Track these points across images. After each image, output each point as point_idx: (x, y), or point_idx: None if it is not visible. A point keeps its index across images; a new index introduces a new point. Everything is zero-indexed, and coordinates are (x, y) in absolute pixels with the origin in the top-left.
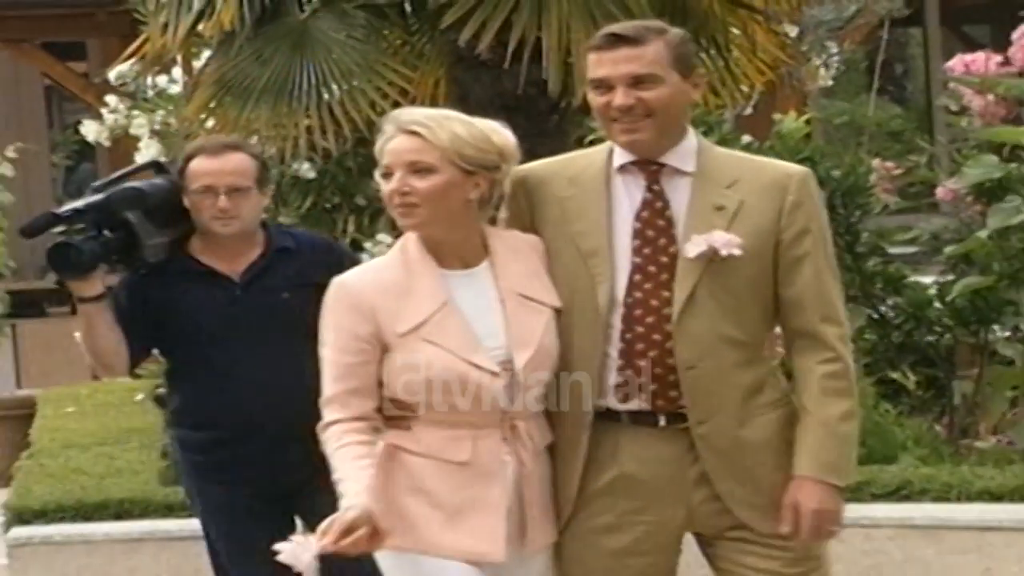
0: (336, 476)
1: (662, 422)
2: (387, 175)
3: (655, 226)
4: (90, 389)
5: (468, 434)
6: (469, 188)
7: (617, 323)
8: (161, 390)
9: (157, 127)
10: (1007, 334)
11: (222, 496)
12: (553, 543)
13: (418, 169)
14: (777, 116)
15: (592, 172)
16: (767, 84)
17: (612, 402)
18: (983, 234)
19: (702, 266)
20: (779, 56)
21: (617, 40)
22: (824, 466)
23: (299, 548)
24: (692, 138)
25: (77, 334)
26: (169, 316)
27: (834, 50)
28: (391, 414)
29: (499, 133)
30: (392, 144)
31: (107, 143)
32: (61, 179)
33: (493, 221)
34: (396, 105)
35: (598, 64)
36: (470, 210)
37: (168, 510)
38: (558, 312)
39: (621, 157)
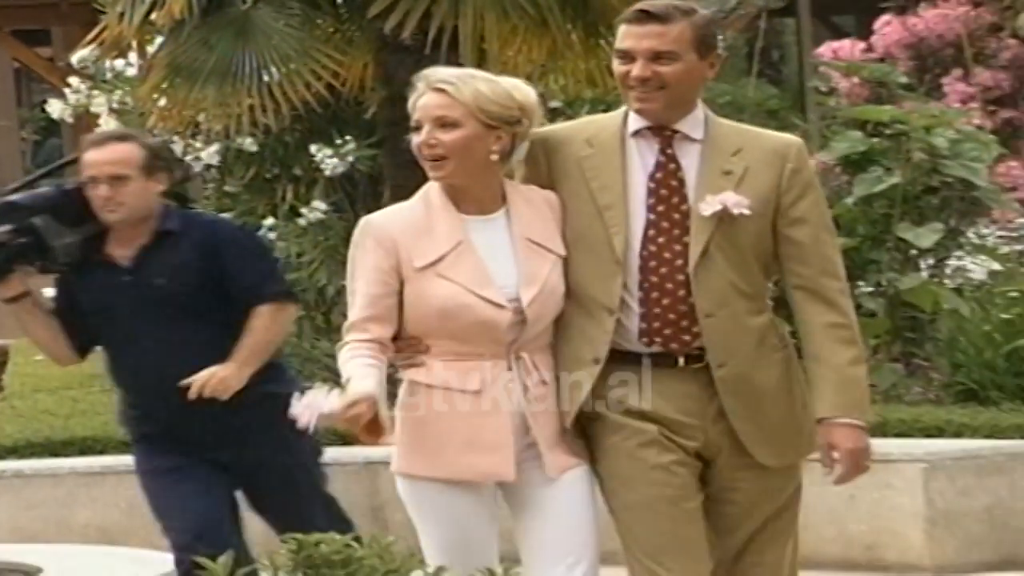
0: (344, 378)
1: (680, 362)
2: (417, 128)
3: (668, 186)
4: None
5: (477, 365)
6: (492, 141)
7: (634, 273)
8: None
9: (115, 106)
10: (870, 289)
11: (147, 452)
12: (585, 466)
13: (444, 123)
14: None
15: (607, 134)
16: None
17: (636, 346)
18: (849, 201)
19: (714, 224)
20: None
21: (647, 17)
22: (847, 407)
23: (315, 400)
24: (700, 110)
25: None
26: (83, 305)
27: (719, 38)
28: (406, 349)
29: (520, 90)
30: (422, 100)
31: (70, 120)
32: (30, 152)
33: (510, 175)
34: (329, 87)
35: (625, 36)
36: (492, 162)
37: (126, 446)
38: (564, 260)
39: (636, 123)
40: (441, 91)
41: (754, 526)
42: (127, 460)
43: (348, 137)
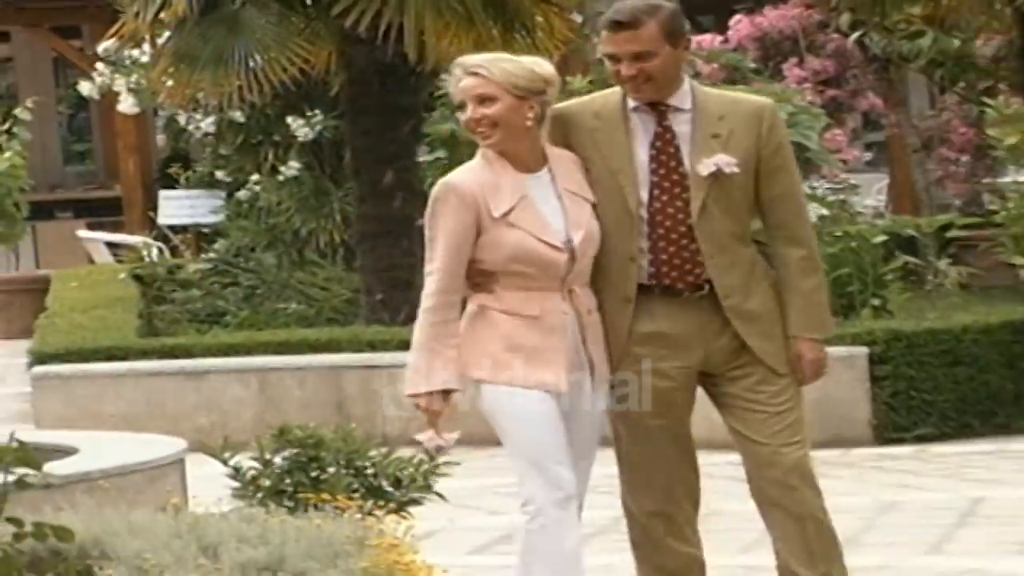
0: (423, 348)
1: (685, 294)
2: (461, 107)
3: (667, 152)
4: (87, 271)
5: (537, 295)
6: (526, 110)
7: (643, 225)
8: (138, 270)
9: (132, 86)
10: None
11: None
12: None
13: (483, 100)
14: (568, 78)
15: (611, 109)
16: (561, 55)
17: (646, 280)
18: None
19: (710, 182)
20: (569, 36)
21: (619, 26)
22: (810, 326)
23: (427, 439)
24: (686, 83)
25: (79, 232)
26: None
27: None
28: (477, 281)
29: (541, 65)
30: (462, 84)
31: (97, 97)
32: (65, 123)
33: None
34: (301, 70)
35: (607, 42)
36: (529, 128)
37: (143, 354)
38: (595, 207)
39: (634, 101)
40: (476, 74)
41: (769, 412)
42: (143, 365)
43: (316, 111)
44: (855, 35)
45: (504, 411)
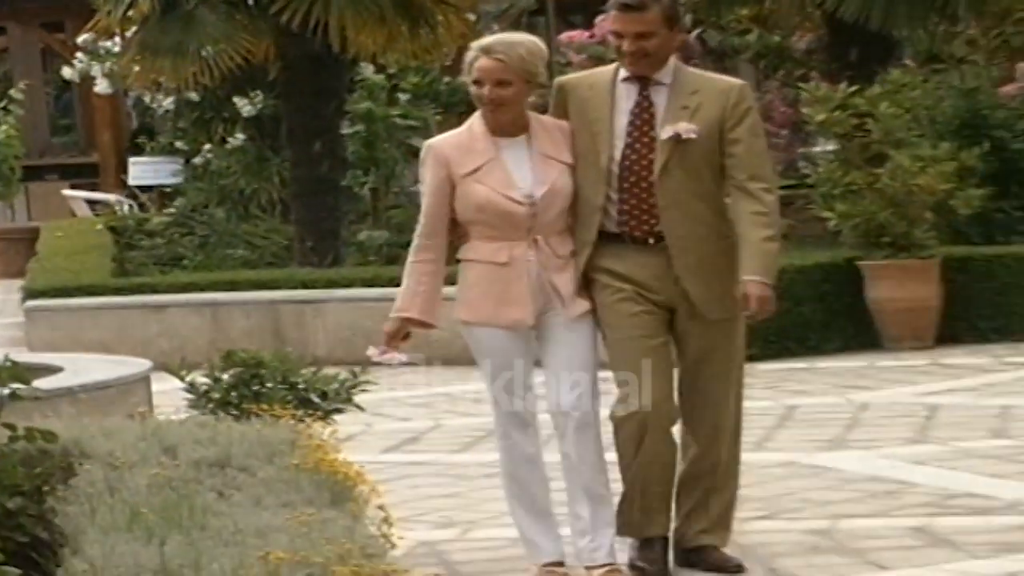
0: (403, 279)
1: (650, 241)
2: (478, 83)
3: (642, 119)
4: (70, 223)
5: (506, 245)
6: (528, 91)
7: (615, 180)
8: (111, 222)
9: (106, 71)
10: None
11: None
12: (592, 314)
13: (500, 82)
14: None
15: (603, 82)
16: (458, 47)
17: (616, 228)
18: None
19: (671, 145)
20: (465, 31)
21: (628, 7)
22: (759, 270)
23: (378, 352)
24: (672, 62)
25: (63, 191)
26: None
27: (495, 28)
28: (460, 234)
29: (542, 51)
30: (481, 63)
31: (78, 80)
32: (52, 102)
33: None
34: (245, 59)
35: (615, 21)
36: (526, 103)
37: (116, 291)
38: (572, 168)
39: (624, 73)
40: (498, 59)
41: (703, 357)
42: (117, 300)
43: (258, 92)
44: (696, 32)
45: (478, 347)
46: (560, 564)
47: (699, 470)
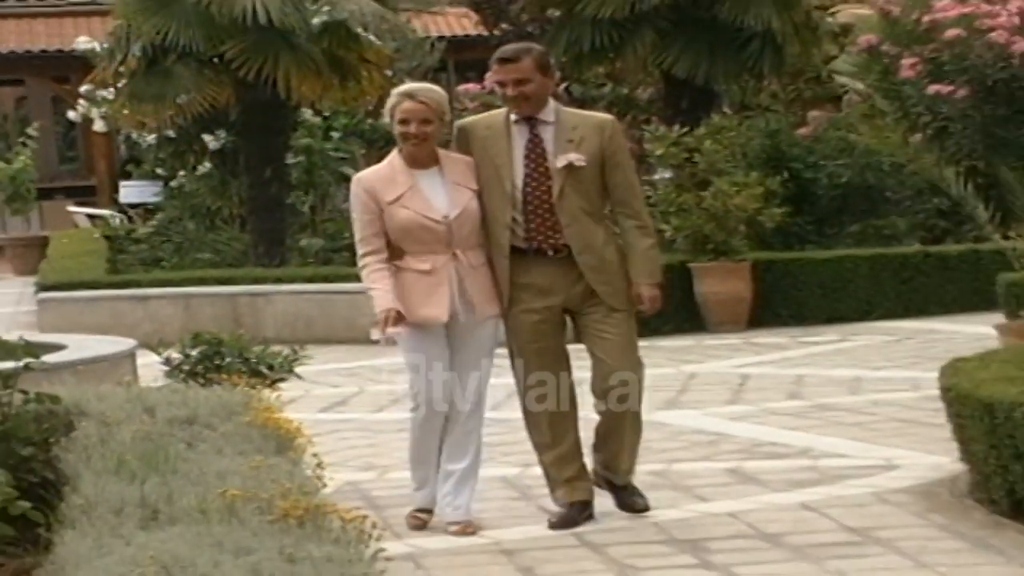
0: (369, 287)
1: (550, 253)
2: (405, 122)
3: (536, 152)
4: (74, 232)
5: (429, 257)
6: (440, 127)
7: (520, 204)
8: (106, 232)
9: (102, 114)
10: None
11: None
12: (499, 316)
13: (425, 120)
14: (383, 111)
15: (498, 123)
16: (378, 96)
17: (522, 244)
18: None
19: (566, 172)
20: (384, 84)
21: (505, 61)
22: (647, 274)
23: (379, 333)
24: (551, 103)
25: (68, 207)
26: None
27: (407, 82)
28: (392, 250)
29: (445, 97)
30: (406, 105)
31: (80, 121)
32: (60, 138)
33: (445, 146)
34: (211, 104)
35: (496, 72)
36: (438, 138)
37: (109, 285)
38: (479, 193)
39: (515, 116)
40: (422, 103)
41: (612, 334)
42: (113, 293)
43: (221, 130)
44: (563, 85)
45: (402, 339)
46: (428, 512)
47: (608, 428)
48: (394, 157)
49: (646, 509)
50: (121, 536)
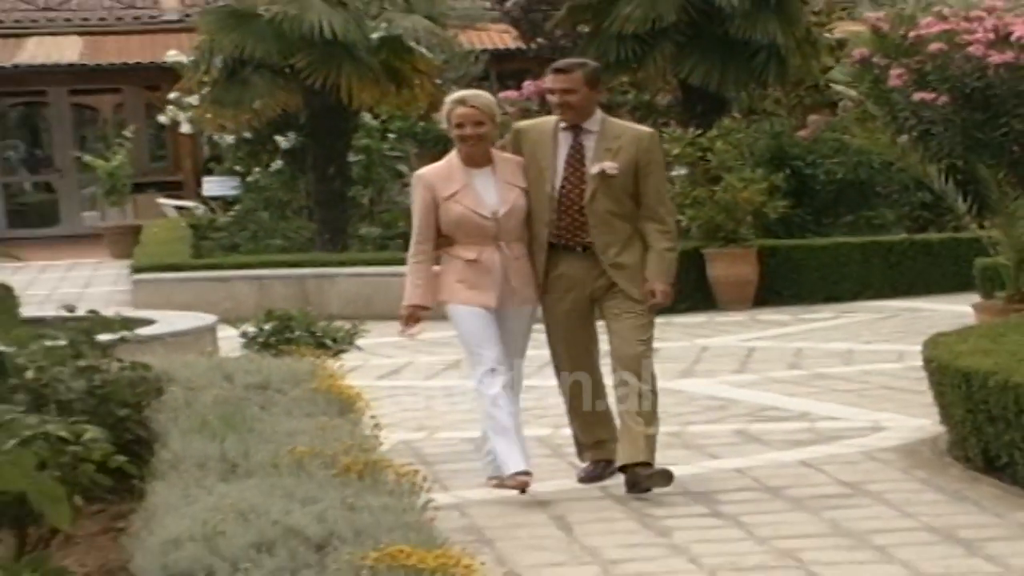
0: (407, 278)
1: (578, 250)
2: (460, 125)
3: (575, 158)
4: (163, 221)
5: (477, 248)
6: (493, 128)
7: (555, 204)
8: (191, 221)
9: (188, 118)
10: None
11: None
12: (536, 303)
13: (478, 123)
14: (435, 115)
15: (547, 129)
16: (429, 103)
17: (555, 240)
18: None
19: (598, 178)
20: (433, 91)
21: (558, 71)
22: (661, 274)
23: (406, 332)
24: (598, 114)
25: (158, 199)
26: None
27: (454, 89)
28: (445, 240)
29: (495, 101)
30: (460, 111)
31: (168, 124)
32: (151, 139)
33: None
34: (283, 109)
35: (550, 81)
36: (492, 141)
37: (193, 268)
38: (526, 191)
39: (562, 123)
40: (474, 107)
41: (630, 318)
42: (197, 275)
43: (291, 132)
44: None
45: (455, 319)
46: (528, 474)
47: (626, 409)
48: (452, 156)
49: (646, 487)
50: (204, 487)
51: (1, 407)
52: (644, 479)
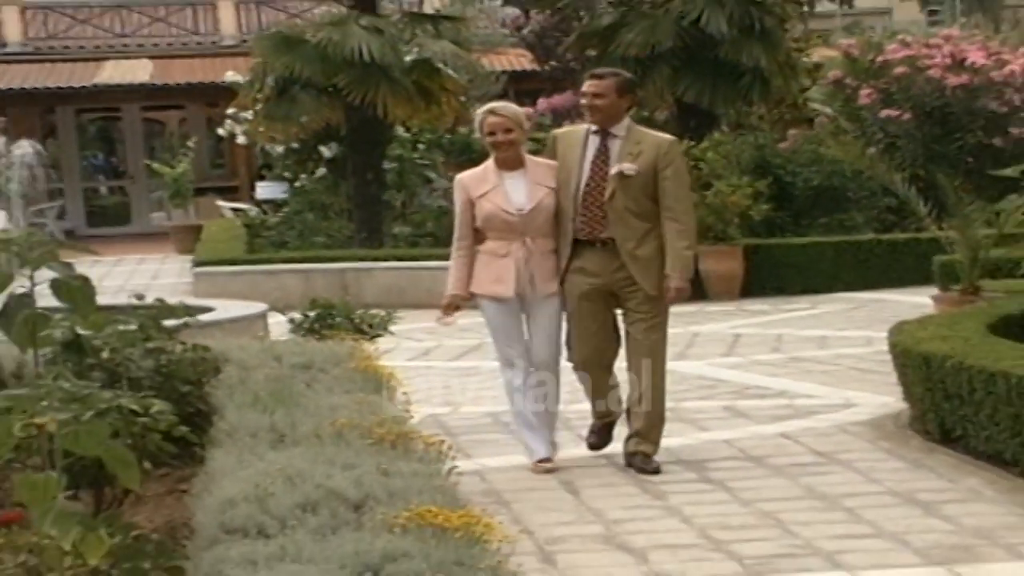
0: (450, 270)
1: (599, 245)
2: (492, 133)
3: (601, 159)
4: (221, 221)
5: (506, 243)
6: (521, 135)
7: (580, 200)
8: (245, 221)
9: (243, 130)
10: None
11: None
12: (556, 291)
13: (507, 130)
14: (461, 129)
15: (580, 133)
16: (455, 117)
17: (579, 235)
18: None
19: (617, 179)
20: (459, 108)
21: (592, 76)
22: (678, 269)
23: (444, 319)
24: (625, 120)
25: (217, 201)
26: None
27: (477, 106)
28: (479, 236)
29: (521, 111)
30: (491, 120)
31: (226, 136)
32: (211, 149)
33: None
34: (326, 124)
35: (586, 85)
36: (521, 145)
37: (247, 263)
38: (555, 191)
39: (592, 127)
40: (502, 116)
41: (642, 318)
42: (248, 268)
43: (333, 143)
44: None
45: (483, 309)
46: (548, 460)
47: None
48: (489, 162)
49: (655, 470)
50: (256, 454)
51: (80, 383)
52: (639, 462)
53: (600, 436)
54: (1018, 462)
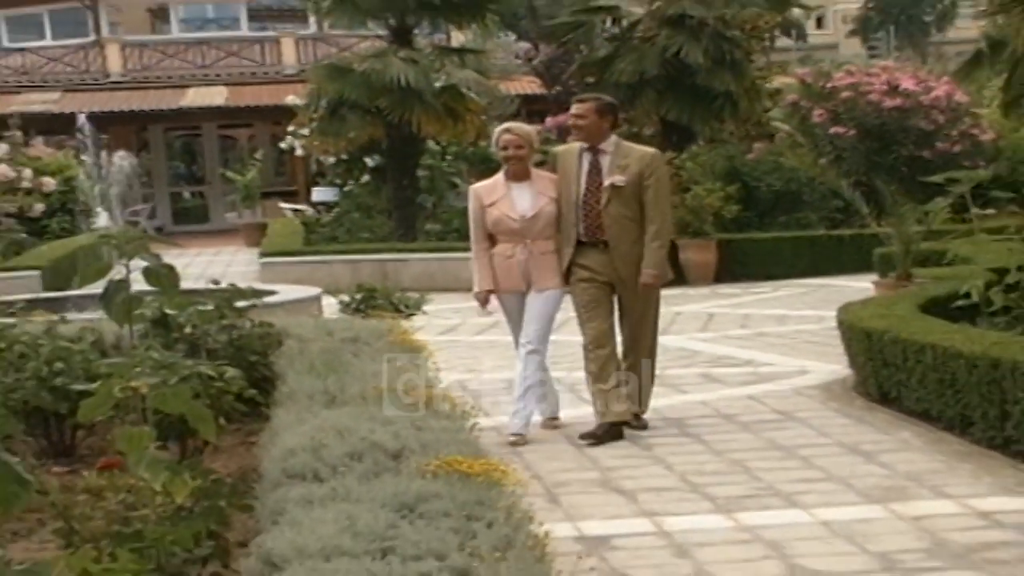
0: (473, 270)
1: (599, 246)
2: (505, 148)
3: (595, 173)
4: (283, 219)
5: (511, 245)
6: (530, 152)
7: (580, 209)
8: (303, 219)
9: (301, 144)
10: None
11: None
12: (557, 288)
13: (518, 146)
14: (481, 143)
15: (575, 150)
16: (477, 134)
17: (582, 237)
18: None
19: (610, 189)
20: (481, 125)
21: (577, 100)
22: (653, 265)
23: (481, 311)
24: (612, 137)
25: (279, 203)
26: None
27: (496, 123)
28: (491, 240)
29: (532, 131)
30: (506, 137)
31: (286, 148)
32: (275, 159)
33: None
34: (370, 139)
35: (572, 108)
36: (531, 160)
37: (304, 254)
38: (556, 200)
39: (584, 145)
40: (516, 134)
41: (636, 307)
42: (305, 258)
43: (376, 154)
44: None
45: (500, 304)
46: (519, 435)
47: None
48: (500, 174)
49: (643, 427)
50: (312, 412)
51: (167, 354)
52: (603, 431)
53: (599, 436)
54: (941, 418)
